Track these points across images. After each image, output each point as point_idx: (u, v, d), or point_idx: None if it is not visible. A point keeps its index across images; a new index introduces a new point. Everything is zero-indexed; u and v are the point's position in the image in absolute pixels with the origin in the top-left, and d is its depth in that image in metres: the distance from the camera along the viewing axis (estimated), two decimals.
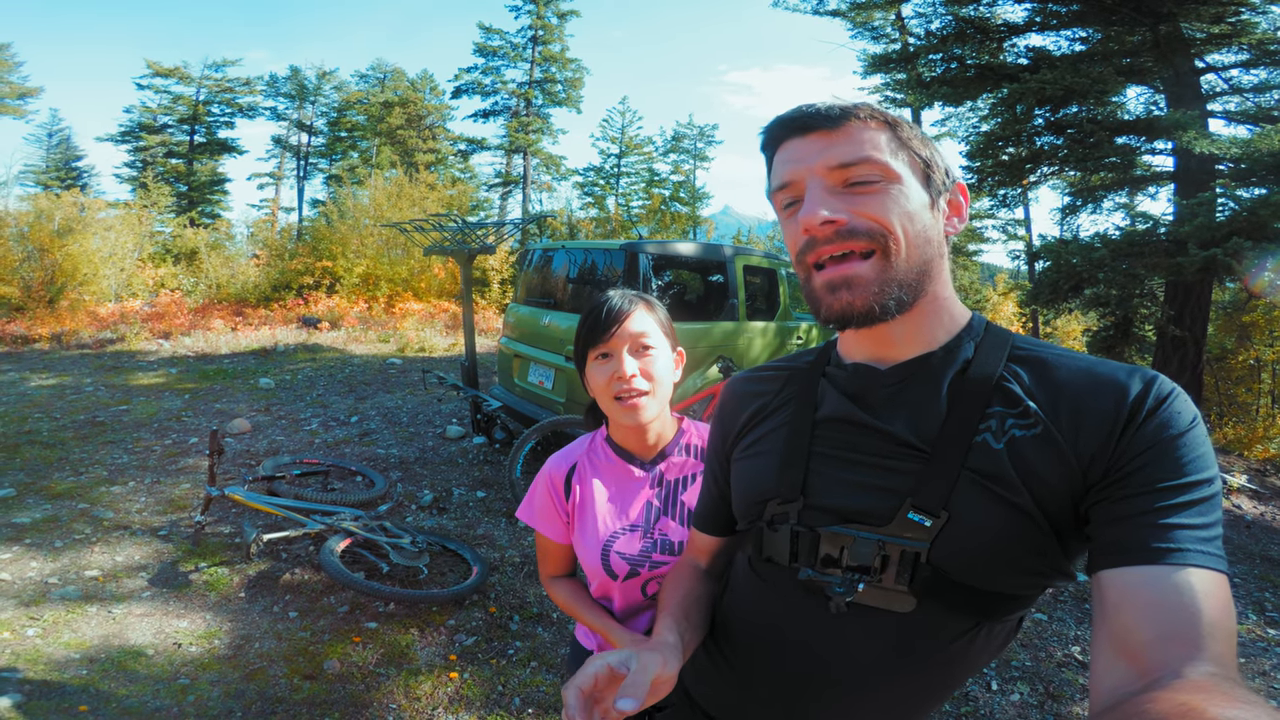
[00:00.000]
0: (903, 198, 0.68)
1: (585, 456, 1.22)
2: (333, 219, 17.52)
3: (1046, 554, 0.65)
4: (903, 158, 0.70)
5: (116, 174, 28.26)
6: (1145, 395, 0.61)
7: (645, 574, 1.13)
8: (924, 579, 0.67)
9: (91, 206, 14.62)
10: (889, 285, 0.68)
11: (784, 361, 0.89)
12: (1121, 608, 0.56)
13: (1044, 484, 0.63)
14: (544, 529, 1.22)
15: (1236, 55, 7.00)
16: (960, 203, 0.75)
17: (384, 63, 31.18)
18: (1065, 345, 2.08)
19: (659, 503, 1.16)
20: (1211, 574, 0.55)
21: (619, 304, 1.12)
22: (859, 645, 0.72)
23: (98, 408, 6.20)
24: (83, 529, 3.59)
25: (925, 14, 8.92)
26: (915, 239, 0.69)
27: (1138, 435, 0.60)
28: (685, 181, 28.66)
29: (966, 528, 0.65)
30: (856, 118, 0.69)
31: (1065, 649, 2.86)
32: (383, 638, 2.72)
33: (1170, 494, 0.58)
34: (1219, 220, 6.53)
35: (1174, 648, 0.52)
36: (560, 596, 1.24)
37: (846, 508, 0.72)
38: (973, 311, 0.76)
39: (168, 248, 20.56)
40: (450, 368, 8.56)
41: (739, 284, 4.98)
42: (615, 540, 1.13)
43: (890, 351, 0.74)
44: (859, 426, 0.73)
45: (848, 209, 0.67)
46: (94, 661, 2.47)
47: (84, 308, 12.34)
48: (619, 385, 1.10)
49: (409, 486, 4.46)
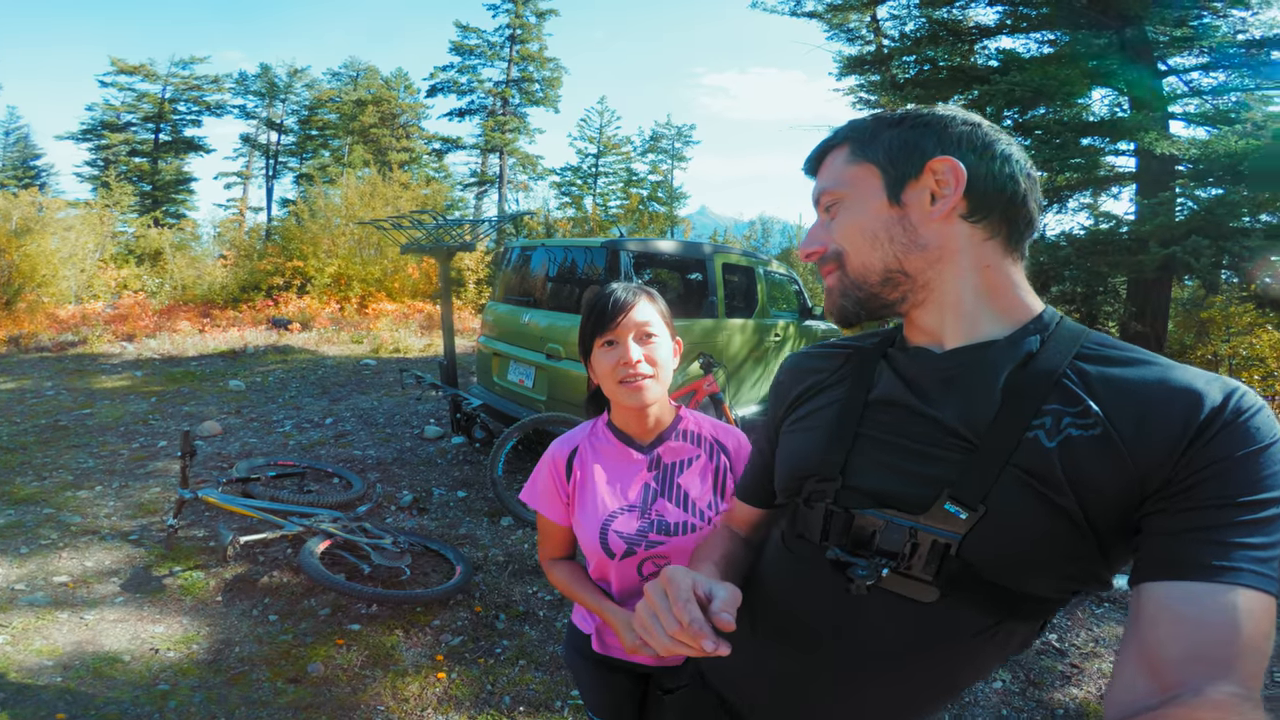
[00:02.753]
0: (850, 213, 0.75)
1: (587, 441, 1.26)
2: (303, 218, 17.19)
3: (1084, 559, 0.63)
4: (853, 174, 0.75)
5: (77, 173, 27.42)
6: (1224, 407, 0.58)
7: (642, 553, 1.17)
8: (950, 572, 0.66)
9: (50, 206, 14.16)
10: (846, 291, 0.76)
11: (849, 340, 0.89)
12: (1158, 622, 0.54)
13: (1094, 488, 0.61)
14: (546, 510, 1.26)
15: (1197, 59, 7.23)
16: (946, 178, 0.70)
17: (357, 61, 30.66)
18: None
19: (656, 485, 1.21)
20: (1260, 595, 0.53)
21: (624, 295, 1.18)
22: (877, 629, 0.72)
23: (60, 411, 6.00)
24: (49, 534, 3.48)
25: (900, 16, 9.07)
26: (864, 247, 0.74)
27: (1209, 448, 0.57)
28: (663, 181, 28.79)
29: (1002, 525, 0.63)
30: (830, 149, 0.79)
31: (1043, 637, 2.94)
32: (367, 639, 2.68)
33: (1236, 511, 0.55)
34: (1178, 219, 6.75)
35: (1200, 667, 0.51)
36: (559, 577, 1.28)
37: (884, 491, 0.71)
38: (1047, 305, 0.74)
39: (131, 248, 20.01)
40: (427, 368, 8.45)
41: (718, 282, 5.01)
42: (613, 520, 1.17)
43: (943, 337, 0.74)
44: (909, 411, 0.73)
45: (825, 237, 0.78)
46: (68, 668, 2.39)
47: (43, 309, 11.92)
48: (624, 370, 1.15)
49: (388, 487, 4.40)
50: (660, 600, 0.67)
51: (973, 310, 0.72)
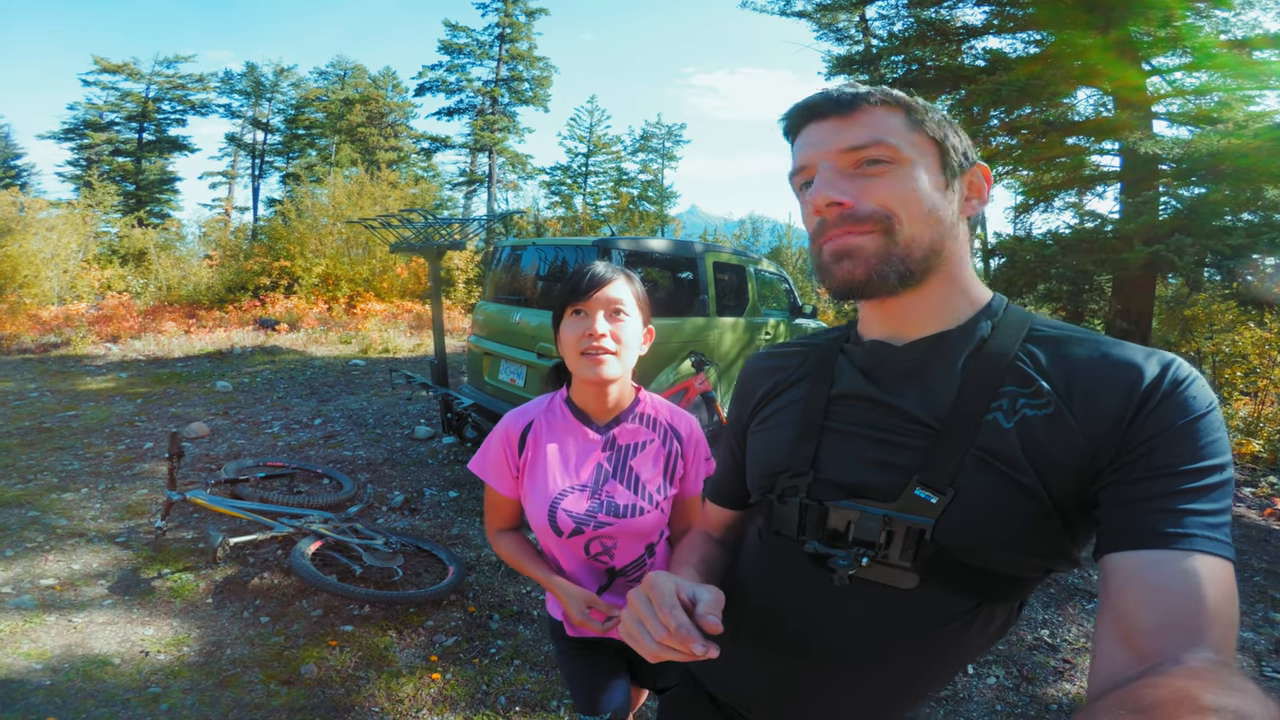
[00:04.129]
0: (910, 179, 0.69)
1: (543, 415, 1.24)
2: (290, 218, 17.05)
3: (1051, 536, 0.65)
4: (915, 140, 0.70)
5: (59, 173, 26.94)
6: (1161, 378, 0.61)
7: (590, 533, 1.16)
8: (927, 556, 0.67)
9: (32, 206, 13.98)
10: (890, 259, 0.68)
11: (804, 339, 0.90)
12: (1125, 592, 0.56)
13: (1053, 465, 0.63)
14: (494, 482, 1.24)
15: (1181, 59, 7.33)
16: (981, 184, 0.75)
17: (344, 60, 30.42)
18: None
19: (609, 465, 1.20)
20: (1218, 561, 0.54)
21: (602, 271, 1.17)
22: (860, 620, 0.73)
23: (44, 413, 5.92)
24: (34, 537, 3.43)
25: (889, 16, 9.13)
26: (921, 219, 0.69)
27: (1151, 418, 0.60)
28: (654, 181, 28.78)
29: (971, 506, 0.65)
30: (869, 102, 0.70)
31: (1035, 633, 2.96)
32: (360, 640, 2.66)
33: (1182, 478, 0.57)
34: (1162, 218, 6.84)
35: (1175, 634, 0.52)
36: (505, 549, 1.26)
37: (855, 483, 0.72)
38: (994, 293, 0.77)
39: (114, 248, 19.75)
40: (416, 368, 8.41)
41: (709, 280, 5.02)
42: (563, 498, 1.17)
43: (906, 328, 0.75)
44: (872, 402, 0.74)
45: (856, 191, 0.69)
46: (57, 671, 2.36)
47: (25, 311, 11.77)
48: (588, 341, 1.13)
49: (379, 488, 4.37)
50: (645, 607, 0.66)
51: (949, 299, 0.74)
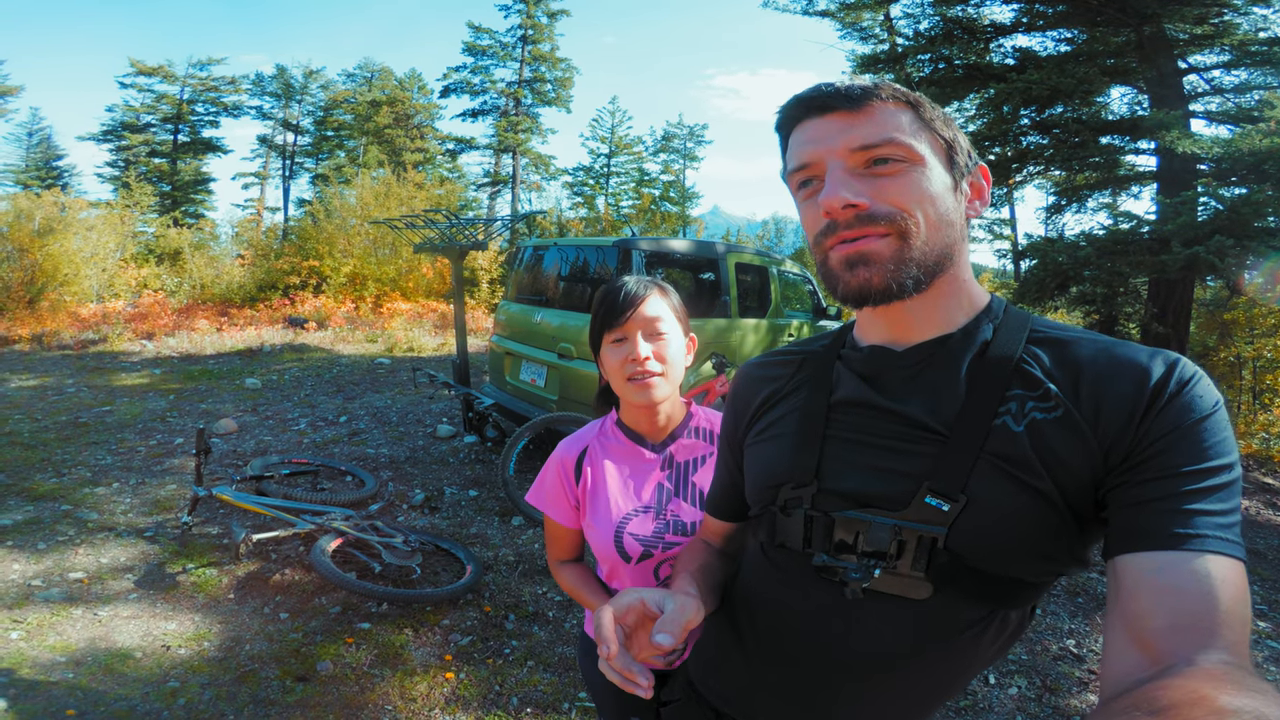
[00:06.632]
0: (925, 180, 0.66)
1: (596, 440, 1.22)
2: (319, 218, 17.34)
3: (1065, 539, 0.64)
4: (925, 139, 0.68)
5: (98, 173, 27.96)
6: (1168, 378, 0.60)
7: (659, 555, 1.13)
8: (941, 565, 0.65)
9: (72, 206, 14.40)
10: (906, 264, 0.66)
11: (798, 346, 0.87)
12: (1137, 594, 0.55)
13: (1064, 467, 0.61)
14: (553, 513, 1.22)
15: (1219, 56, 7.09)
16: (982, 185, 0.73)
17: (372, 62, 31.00)
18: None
19: (670, 484, 1.17)
20: (1229, 561, 0.54)
21: (634, 289, 1.13)
22: (873, 633, 0.70)
23: (80, 409, 6.09)
24: (66, 530, 3.53)
25: (914, 14, 8.95)
26: (936, 222, 0.67)
27: (1159, 419, 0.59)
28: (675, 181, 28.75)
29: (985, 512, 0.63)
30: (878, 97, 0.67)
31: (1060, 642, 2.88)
32: (376, 638, 2.69)
33: (1190, 479, 0.56)
34: (1201, 219, 6.62)
35: (1188, 635, 0.51)
36: (567, 581, 1.23)
37: (862, 492, 0.70)
38: (992, 294, 0.75)
39: (151, 248, 20.29)
40: (440, 367, 8.49)
41: (731, 281, 4.98)
42: (628, 522, 1.13)
43: (907, 333, 0.73)
44: (874, 409, 0.72)
45: (869, 192, 0.66)
46: (80, 664, 2.42)
47: (65, 308, 12.15)
48: (633, 367, 1.11)
49: (400, 486, 4.41)
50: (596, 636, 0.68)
51: (951, 302, 0.72)
